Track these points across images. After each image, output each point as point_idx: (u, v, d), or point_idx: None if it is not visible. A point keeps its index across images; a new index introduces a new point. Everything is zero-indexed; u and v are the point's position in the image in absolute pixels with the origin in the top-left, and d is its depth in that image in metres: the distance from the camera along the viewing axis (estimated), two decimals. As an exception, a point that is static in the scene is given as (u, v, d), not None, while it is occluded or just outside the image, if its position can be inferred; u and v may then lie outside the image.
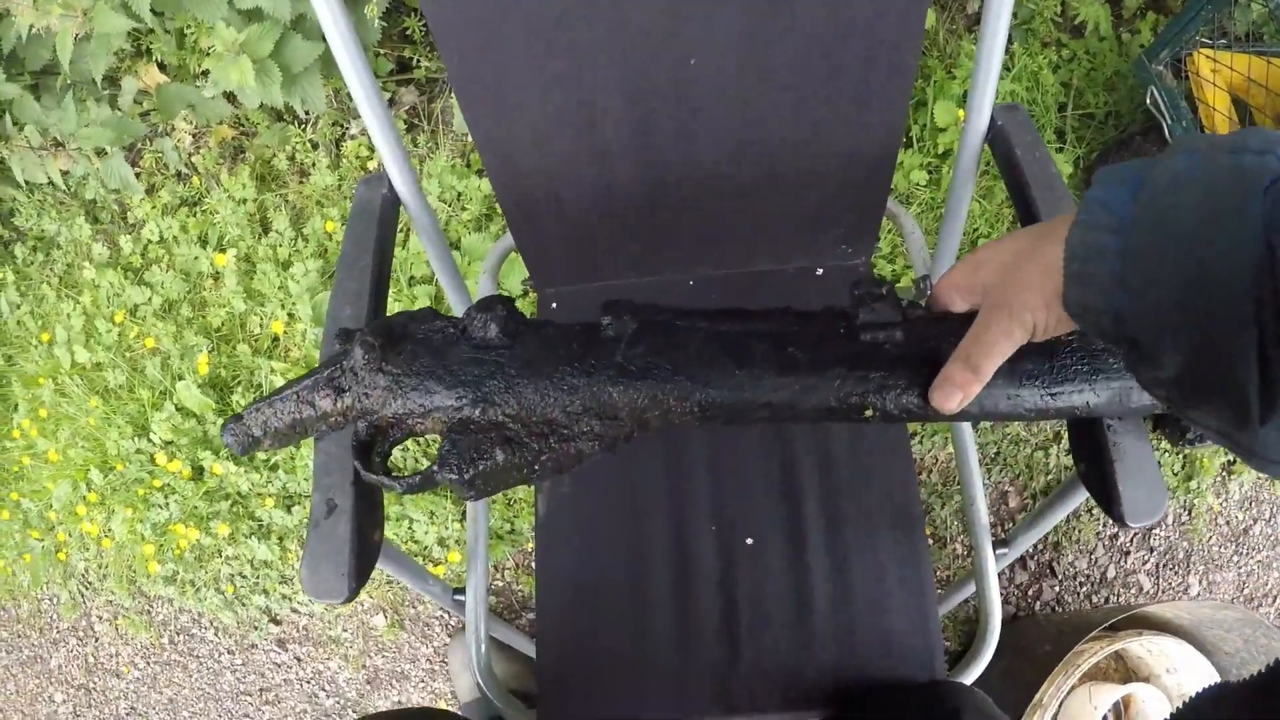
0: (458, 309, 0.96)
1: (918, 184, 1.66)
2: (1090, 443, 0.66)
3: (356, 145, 1.88)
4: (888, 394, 0.57)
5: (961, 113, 1.62)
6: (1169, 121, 1.45)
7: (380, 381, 0.62)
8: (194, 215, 1.97)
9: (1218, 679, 1.40)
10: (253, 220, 1.91)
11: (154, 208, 1.99)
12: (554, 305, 1.06)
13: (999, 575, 1.63)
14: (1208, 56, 1.47)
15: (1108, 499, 0.65)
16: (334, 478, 0.68)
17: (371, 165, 1.87)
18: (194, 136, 2.03)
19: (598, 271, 1.05)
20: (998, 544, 0.93)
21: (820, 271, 1.03)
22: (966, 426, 1.01)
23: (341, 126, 1.91)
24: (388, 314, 0.71)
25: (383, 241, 0.78)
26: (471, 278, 1.55)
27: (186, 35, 1.82)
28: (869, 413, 0.57)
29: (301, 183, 1.91)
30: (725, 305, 0.62)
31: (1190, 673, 1.43)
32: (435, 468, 0.61)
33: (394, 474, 0.63)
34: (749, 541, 0.94)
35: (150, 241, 1.99)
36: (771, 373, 0.58)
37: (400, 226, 0.84)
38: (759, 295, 1.01)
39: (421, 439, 1.67)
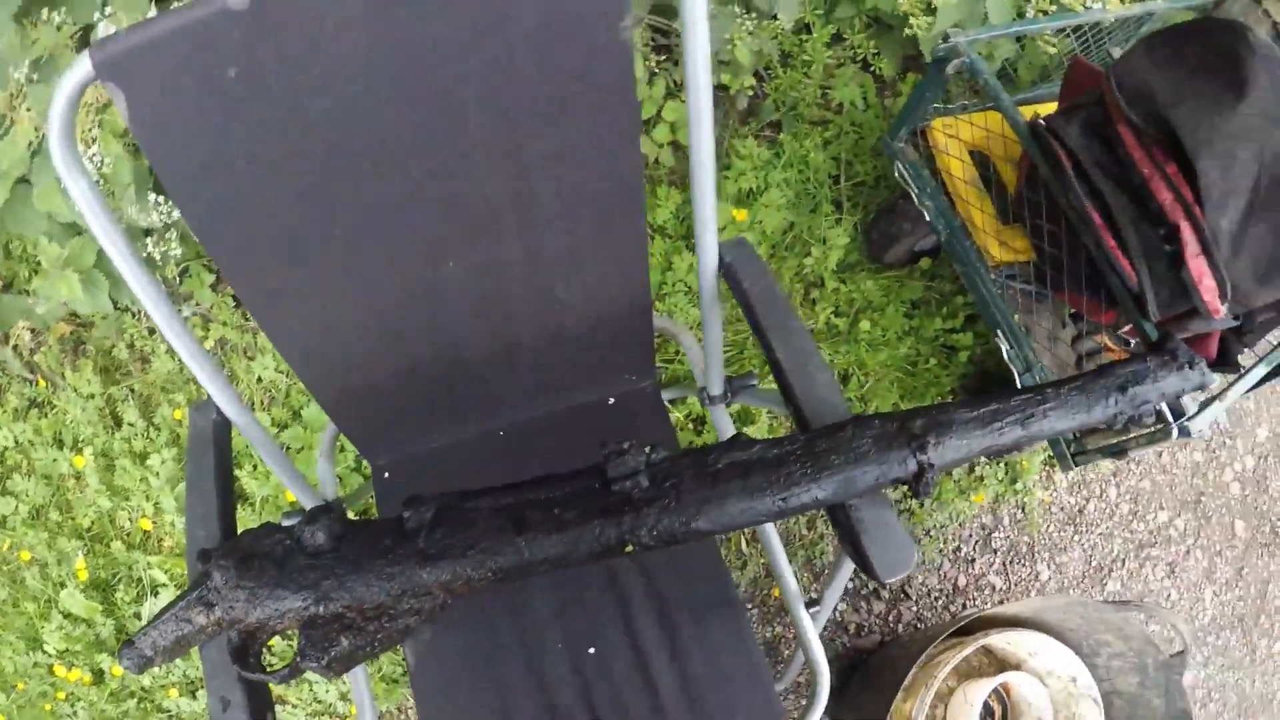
0: (306, 502, 1.07)
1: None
2: (839, 521, 0.79)
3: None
4: (640, 530, 0.71)
5: (736, 212, 1.81)
6: (915, 191, 1.64)
7: (240, 596, 0.74)
8: (45, 416, 1.98)
9: (1072, 654, 1.54)
10: (103, 415, 1.94)
11: (4, 412, 1.99)
12: (386, 475, 1.14)
13: (866, 608, 1.78)
14: (939, 128, 1.62)
15: (862, 564, 0.78)
16: (221, 679, 0.79)
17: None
18: (33, 332, 2.05)
19: (417, 438, 1.14)
20: (810, 604, 1.06)
21: (613, 401, 1.16)
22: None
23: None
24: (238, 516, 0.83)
25: (221, 464, 0.89)
26: (315, 447, 1.62)
27: (12, 247, 1.87)
28: (629, 548, 0.72)
29: (144, 370, 1.96)
30: (535, 446, 0.74)
31: (1050, 655, 1.57)
32: (299, 659, 0.74)
33: (269, 669, 0.76)
34: (591, 650, 1.03)
35: (6, 448, 1.99)
36: (543, 534, 0.72)
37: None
38: (562, 432, 1.13)
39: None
